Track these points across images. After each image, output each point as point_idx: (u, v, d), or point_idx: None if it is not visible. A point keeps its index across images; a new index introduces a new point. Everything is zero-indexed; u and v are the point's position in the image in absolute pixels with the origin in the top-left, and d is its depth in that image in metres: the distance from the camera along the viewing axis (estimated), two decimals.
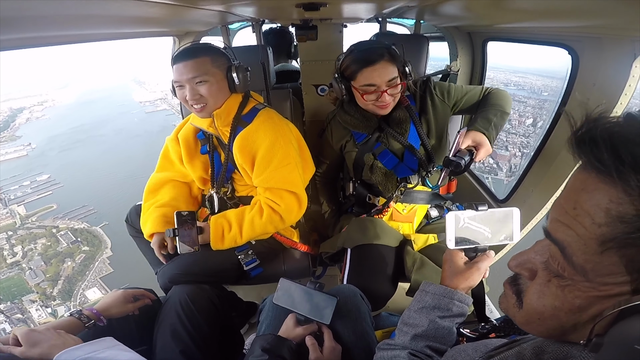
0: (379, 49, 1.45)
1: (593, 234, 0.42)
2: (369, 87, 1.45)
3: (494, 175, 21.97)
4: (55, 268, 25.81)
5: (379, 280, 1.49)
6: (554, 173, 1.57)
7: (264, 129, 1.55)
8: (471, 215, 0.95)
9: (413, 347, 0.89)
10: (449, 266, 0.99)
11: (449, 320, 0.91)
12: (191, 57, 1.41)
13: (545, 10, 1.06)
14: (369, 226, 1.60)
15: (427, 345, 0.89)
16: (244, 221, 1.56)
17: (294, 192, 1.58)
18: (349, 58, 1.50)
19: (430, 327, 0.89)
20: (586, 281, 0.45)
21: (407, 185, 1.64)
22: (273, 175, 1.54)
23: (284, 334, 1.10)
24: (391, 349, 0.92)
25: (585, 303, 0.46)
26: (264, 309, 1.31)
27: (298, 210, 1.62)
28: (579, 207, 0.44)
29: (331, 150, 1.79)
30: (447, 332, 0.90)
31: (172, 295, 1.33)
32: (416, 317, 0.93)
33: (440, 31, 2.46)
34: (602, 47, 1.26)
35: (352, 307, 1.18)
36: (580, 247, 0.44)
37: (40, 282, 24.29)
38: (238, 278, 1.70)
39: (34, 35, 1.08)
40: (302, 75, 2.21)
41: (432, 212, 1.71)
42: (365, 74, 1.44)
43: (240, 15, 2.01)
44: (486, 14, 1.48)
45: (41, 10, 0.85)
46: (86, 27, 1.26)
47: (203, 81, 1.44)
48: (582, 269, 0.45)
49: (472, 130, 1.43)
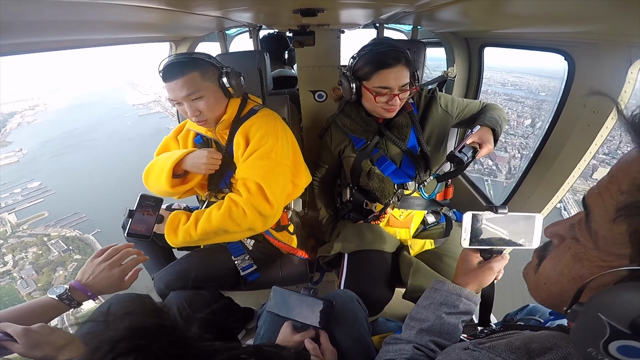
0: (397, 53, 1.44)
1: (615, 201, 0.45)
2: (383, 90, 1.45)
3: (494, 177, 22.08)
4: (46, 277, 25.42)
5: (376, 286, 1.49)
6: (551, 177, 1.57)
7: (259, 123, 1.54)
8: (490, 217, 0.95)
9: (418, 341, 0.90)
10: (462, 264, 1.00)
11: (455, 317, 0.93)
12: (180, 75, 1.38)
13: (541, 16, 1.06)
14: (366, 232, 1.61)
15: (432, 340, 0.90)
16: (202, 215, 1.47)
17: (263, 190, 1.45)
18: (364, 58, 1.48)
19: (436, 323, 0.91)
20: (595, 249, 0.48)
21: (404, 191, 1.64)
22: (250, 165, 1.49)
23: (282, 342, 1.08)
24: (397, 342, 0.94)
25: (588, 273, 0.49)
26: (262, 314, 1.29)
27: (267, 209, 1.45)
28: (614, 176, 0.47)
29: (330, 154, 1.79)
30: (453, 328, 0.91)
31: (169, 301, 1.32)
32: (423, 312, 0.95)
33: (437, 37, 2.48)
34: (599, 53, 1.27)
35: (348, 312, 1.17)
36: (600, 212, 0.47)
37: (32, 292, 23.85)
38: (235, 283, 1.69)
39: (31, 40, 1.07)
40: (300, 81, 2.20)
41: (429, 218, 1.72)
42: (382, 75, 1.43)
43: (238, 21, 2.01)
44: (483, 20, 1.49)
45: (38, 16, 0.84)
46: (83, 33, 1.25)
47: (199, 97, 1.42)
48: (595, 235, 0.48)
49: (483, 127, 1.45)
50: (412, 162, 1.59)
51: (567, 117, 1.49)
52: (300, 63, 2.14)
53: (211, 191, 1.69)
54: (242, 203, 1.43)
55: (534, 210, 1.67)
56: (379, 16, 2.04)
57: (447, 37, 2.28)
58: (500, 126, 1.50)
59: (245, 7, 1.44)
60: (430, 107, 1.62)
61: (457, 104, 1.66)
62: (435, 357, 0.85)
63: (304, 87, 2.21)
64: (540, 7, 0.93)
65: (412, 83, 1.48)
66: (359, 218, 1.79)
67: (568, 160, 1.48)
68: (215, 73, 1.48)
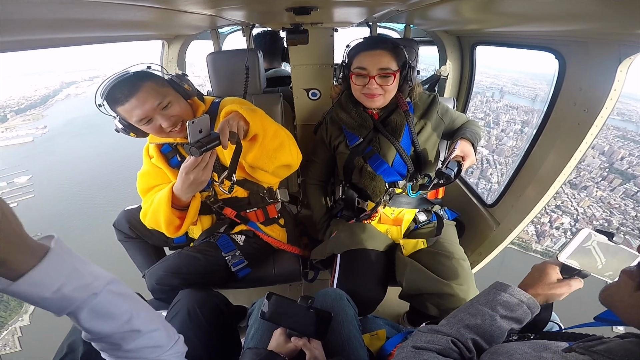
0: (380, 39, 1.49)
1: None
2: (360, 71, 1.47)
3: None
4: None
5: (368, 284, 1.50)
6: (541, 177, 1.59)
7: (233, 102, 1.52)
8: (602, 242, 0.92)
9: (458, 337, 0.87)
10: (538, 274, 0.97)
11: (507, 322, 0.89)
12: (137, 90, 1.30)
13: (532, 15, 1.07)
14: (358, 231, 1.62)
15: (473, 338, 0.87)
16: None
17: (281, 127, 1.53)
18: (353, 44, 1.54)
19: (486, 322, 0.88)
20: None
21: (395, 190, 1.65)
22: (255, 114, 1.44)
23: (276, 349, 1.06)
24: (433, 332, 0.90)
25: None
26: (252, 312, 1.29)
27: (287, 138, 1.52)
28: None
29: (324, 148, 1.80)
30: (499, 333, 0.88)
31: (180, 300, 1.30)
32: (478, 308, 0.92)
33: (429, 35, 2.49)
34: (588, 51, 1.28)
35: (338, 310, 1.17)
36: None
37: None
38: (226, 280, 1.69)
39: (22, 38, 1.07)
40: (293, 79, 2.20)
41: (421, 217, 1.73)
42: (360, 57, 1.48)
43: (231, 19, 2.00)
44: (475, 18, 1.50)
45: (29, 14, 0.83)
46: (75, 31, 1.24)
47: (168, 104, 1.36)
48: None
49: (464, 140, 1.51)
50: (404, 161, 1.60)
51: (558, 116, 1.50)
52: (294, 61, 2.14)
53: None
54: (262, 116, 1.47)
55: (523, 213, 1.69)
56: (372, 14, 2.04)
57: (440, 36, 2.29)
58: (477, 141, 1.59)
59: (239, 5, 1.44)
60: (430, 110, 1.63)
61: (449, 114, 1.69)
62: (469, 357, 0.84)
63: (297, 85, 2.21)
64: (532, 5, 0.94)
65: (398, 75, 1.49)
66: (351, 216, 1.79)
67: (559, 159, 1.49)
68: (163, 79, 1.42)
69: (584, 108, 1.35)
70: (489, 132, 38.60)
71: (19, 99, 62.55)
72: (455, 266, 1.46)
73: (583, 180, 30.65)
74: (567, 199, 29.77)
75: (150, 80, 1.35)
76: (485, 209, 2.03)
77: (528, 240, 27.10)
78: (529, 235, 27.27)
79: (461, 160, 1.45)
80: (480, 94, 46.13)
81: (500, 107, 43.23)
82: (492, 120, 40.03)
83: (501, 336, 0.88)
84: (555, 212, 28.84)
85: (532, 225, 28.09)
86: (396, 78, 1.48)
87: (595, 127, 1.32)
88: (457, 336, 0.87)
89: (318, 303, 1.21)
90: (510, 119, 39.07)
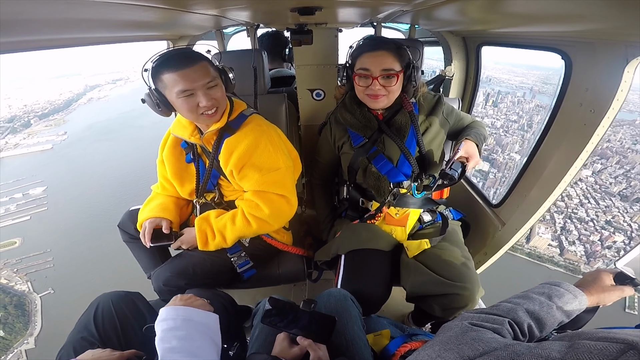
0: (383, 39, 1.48)
1: None
2: (363, 72, 1.47)
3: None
4: None
5: (372, 284, 1.49)
6: (547, 178, 1.58)
7: (253, 136, 1.53)
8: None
9: (517, 319, 0.87)
10: (592, 278, 0.99)
11: (561, 314, 0.91)
12: (193, 63, 1.35)
13: (538, 15, 1.07)
14: (362, 231, 1.61)
15: (529, 323, 0.87)
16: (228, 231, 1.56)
17: (284, 196, 1.57)
18: (357, 45, 1.54)
19: (543, 309, 0.89)
20: None
21: (400, 190, 1.64)
22: (264, 180, 1.53)
23: (279, 354, 1.05)
24: (488, 313, 0.90)
25: None
26: (257, 312, 1.29)
27: (289, 212, 1.61)
28: None
29: (329, 148, 1.79)
30: (552, 321, 0.89)
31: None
32: (535, 297, 0.93)
33: (434, 36, 2.48)
34: (595, 52, 1.27)
35: (342, 310, 1.17)
36: None
37: None
38: (232, 280, 1.69)
39: (28, 38, 1.07)
40: (297, 79, 2.20)
41: (425, 217, 1.72)
42: (363, 58, 1.47)
43: (235, 19, 2.01)
44: (480, 19, 1.49)
45: (35, 14, 0.84)
46: (80, 31, 1.25)
47: (215, 85, 1.41)
48: None
49: (468, 140, 1.50)
50: (409, 161, 1.59)
51: (564, 116, 1.49)
52: (298, 62, 2.14)
53: (199, 197, 1.69)
54: (266, 218, 1.55)
55: (528, 213, 1.68)
56: (376, 15, 2.04)
57: (445, 36, 2.28)
58: (482, 142, 1.58)
59: (243, 5, 1.45)
60: (435, 110, 1.63)
61: (455, 114, 1.68)
62: (522, 341, 0.84)
63: (302, 85, 2.21)
64: (538, 6, 0.94)
65: (402, 76, 1.48)
66: (355, 216, 1.79)
67: (565, 159, 1.48)
68: (214, 67, 1.47)
69: (590, 109, 1.34)
70: (522, 135, 38.07)
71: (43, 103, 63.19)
72: (460, 266, 1.45)
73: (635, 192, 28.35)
74: (619, 214, 27.28)
75: (206, 61, 1.41)
76: (490, 209, 2.02)
77: (576, 261, 24.88)
78: (577, 256, 25.04)
79: (465, 161, 1.44)
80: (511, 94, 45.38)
81: (532, 109, 42.60)
82: (526, 123, 39.25)
83: (552, 326, 0.89)
84: (606, 229, 26.48)
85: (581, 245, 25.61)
86: (400, 79, 1.48)
87: (602, 127, 1.31)
88: (515, 318, 0.87)
89: (322, 303, 1.20)
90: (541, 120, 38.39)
